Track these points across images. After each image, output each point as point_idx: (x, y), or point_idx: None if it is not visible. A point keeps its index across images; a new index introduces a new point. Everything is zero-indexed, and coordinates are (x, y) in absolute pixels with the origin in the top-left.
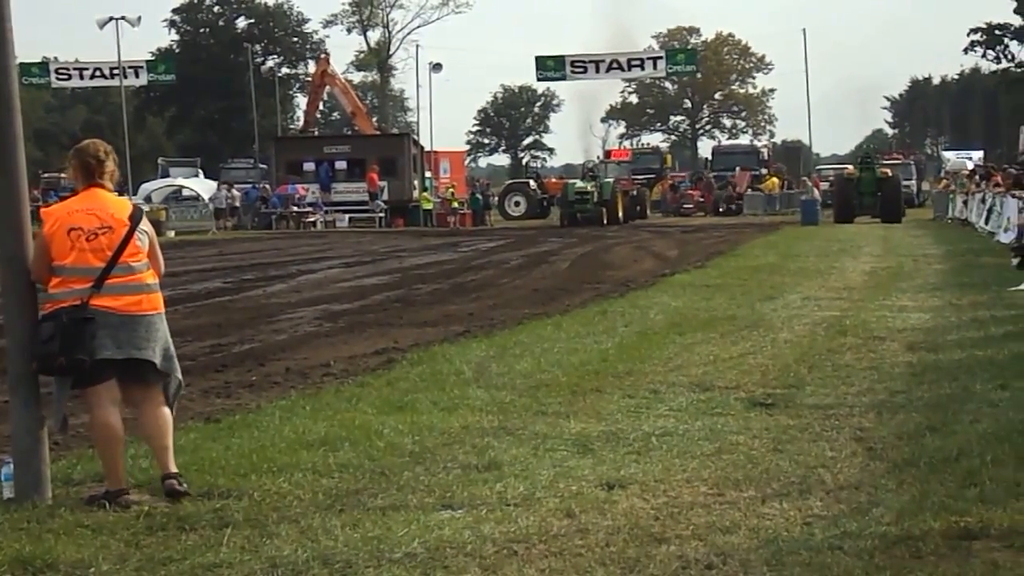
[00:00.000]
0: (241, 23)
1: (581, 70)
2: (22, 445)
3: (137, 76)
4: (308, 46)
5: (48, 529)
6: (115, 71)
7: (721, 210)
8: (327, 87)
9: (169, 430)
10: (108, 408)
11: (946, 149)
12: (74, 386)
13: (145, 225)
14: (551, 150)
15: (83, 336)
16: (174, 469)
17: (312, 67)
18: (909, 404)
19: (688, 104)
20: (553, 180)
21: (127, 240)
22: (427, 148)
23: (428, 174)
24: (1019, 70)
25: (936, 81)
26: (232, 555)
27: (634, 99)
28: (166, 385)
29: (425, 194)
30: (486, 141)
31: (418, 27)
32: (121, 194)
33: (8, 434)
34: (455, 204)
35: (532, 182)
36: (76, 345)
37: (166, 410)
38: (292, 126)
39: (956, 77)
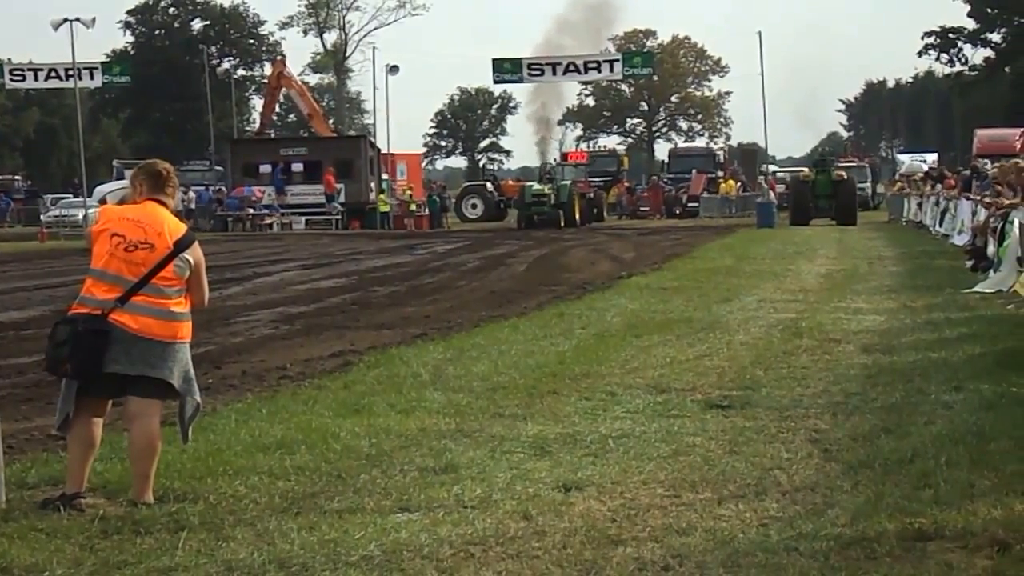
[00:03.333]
0: (196, 25)
1: (538, 72)
2: None
3: (92, 78)
4: (264, 48)
5: (2, 533)
6: (70, 72)
7: (677, 212)
8: (283, 89)
9: (153, 455)
10: (91, 420)
11: (900, 152)
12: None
13: (191, 253)
14: (508, 152)
15: (94, 348)
16: (148, 500)
17: (268, 69)
18: (864, 406)
19: (645, 107)
20: (510, 182)
21: (164, 263)
22: (384, 150)
23: (385, 176)
24: (972, 73)
25: (891, 84)
26: (188, 559)
27: (591, 102)
28: (182, 407)
29: (382, 196)
30: (443, 143)
31: (374, 29)
32: (77, 195)
33: None
34: (413, 206)
35: (489, 184)
36: (86, 355)
37: (156, 430)
38: (248, 128)
39: (910, 80)
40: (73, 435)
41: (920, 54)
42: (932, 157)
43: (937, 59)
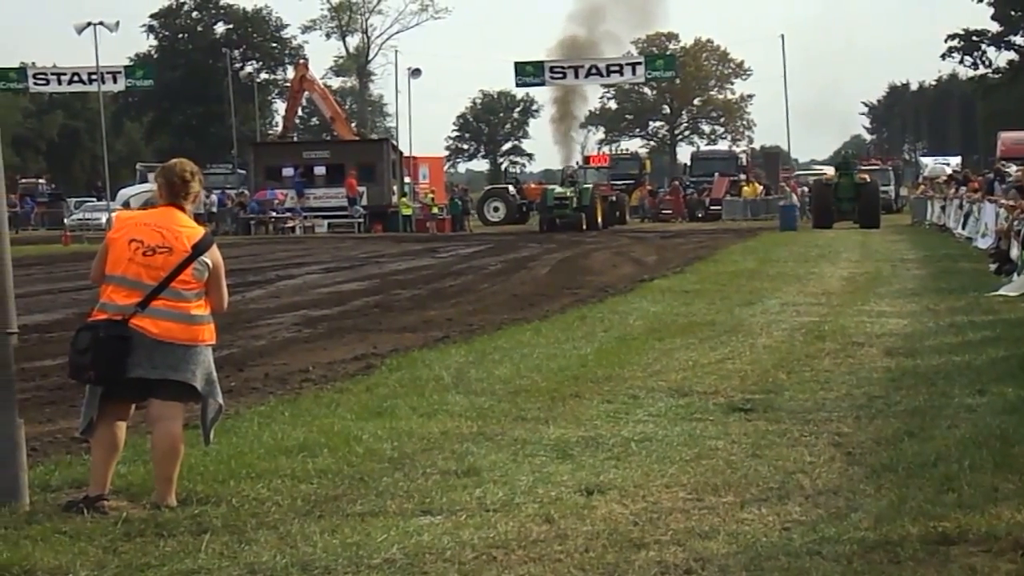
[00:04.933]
0: (220, 28)
1: (560, 75)
2: None
3: (115, 81)
4: (287, 51)
5: (26, 535)
6: (93, 76)
7: (700, 216)
8: (306, 92)
9: (175, 458)
10: (115, 424)
11: (924, 155)
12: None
13: (209, 256)
14: (530, 155)
15: (116, 353)
16: (171, 502)
17: (291, 72)
18: (887, 409)
19: (667, 110)
20: (532, 185)
21: (183, 266)
22: (406, 153)
23: (407, 179)
24: (996, 76)
25: (914, 87)
26: (210, 561)
27: (613, 105)
28: (205, 409)
29: (404, 199)
30: (465, 147)
31: (397, 33)
32: (100, 198)
33: None
34: (435, 210)
35: (511, 188)
36: (108, 361)
37: (178, 433)
38: (271, 131)
39: (934, 83)
40: (97, 438)
41: (944, 57)
42: (955, 160)
43: (961, 62)
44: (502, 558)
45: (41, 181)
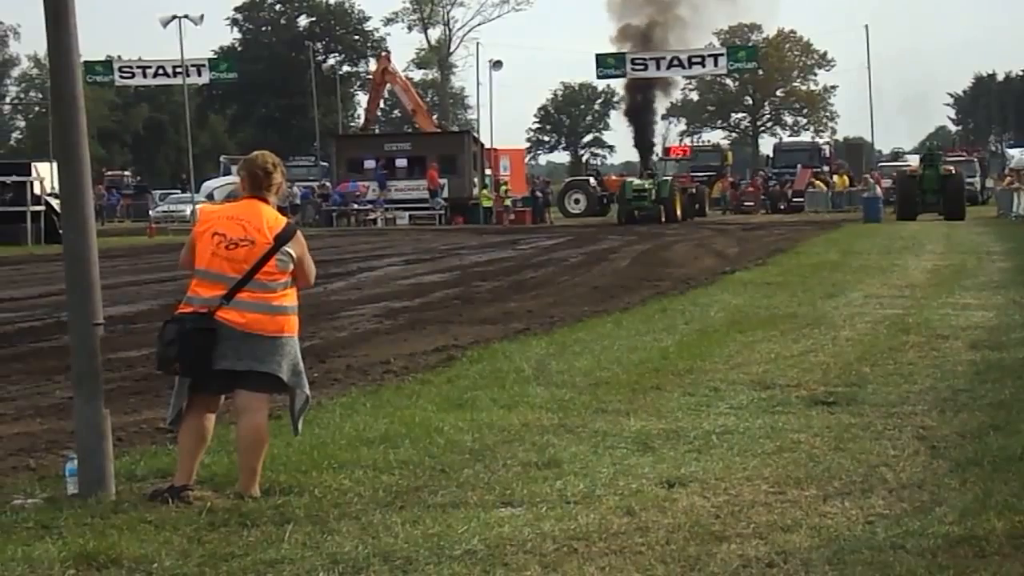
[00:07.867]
0: (303, 21)
1: (641, 67)
2: (86, 441)
3: (199, 74)
4: (369, 44)
5: (112, 524)
6: (178, 69)
7: (781, 207)
8: (388, 85)
9: (260, 449)
10: (203, 415)
11: (1010, 146)
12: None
13: (293, 247)
14: (611, 147)
15: (202, 346)
16: (255, 493)
17: (373, 65)
18: (972, 403)
19: (749, 101)
20: (613, 177)
21: (266, 258)
22: (487, 146)
23: (488, 171)
24: None
25: (1000, 77)
26: (293, 551)
27: (695, 96)
28: (292, 399)
29: (485, 192)
30: (546, 138)
31: (479, 24)
32: (184, 191)
33: (72, 430)
34: (507, 202)
35: (592, 180)
36: (194, 353)
37: (263, 424)
38: (353, 124)
39: (1021, 73)
40: (185, 429)
41: None
42: None
43: None
44: (583, 550)
45: (126, 173)
